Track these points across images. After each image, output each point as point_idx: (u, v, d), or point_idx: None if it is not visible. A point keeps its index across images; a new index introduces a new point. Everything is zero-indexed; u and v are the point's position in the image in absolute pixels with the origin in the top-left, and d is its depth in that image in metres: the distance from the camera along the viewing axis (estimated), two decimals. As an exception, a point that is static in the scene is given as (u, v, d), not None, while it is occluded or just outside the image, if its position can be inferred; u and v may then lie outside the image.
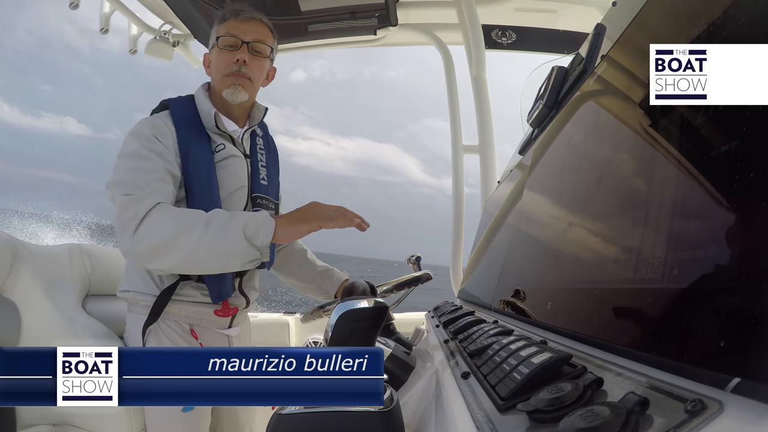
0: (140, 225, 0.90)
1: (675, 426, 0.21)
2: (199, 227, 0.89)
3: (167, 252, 0.89)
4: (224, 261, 0.91)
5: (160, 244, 0.89)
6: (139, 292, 1.07)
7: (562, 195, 0.61)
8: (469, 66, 1.94)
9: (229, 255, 0.90)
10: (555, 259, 0.55)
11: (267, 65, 1.16)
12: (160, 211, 0.91)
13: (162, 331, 1.07)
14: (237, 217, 0.92)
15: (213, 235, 0.88)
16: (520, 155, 1.05)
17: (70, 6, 1.88)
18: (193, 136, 1.07)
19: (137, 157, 0.98)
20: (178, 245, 0.88)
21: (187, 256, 0.89)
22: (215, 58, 1.12)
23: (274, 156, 1.27)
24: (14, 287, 1.19)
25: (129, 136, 1.04)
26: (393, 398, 0.54)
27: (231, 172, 1.11)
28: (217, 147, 1.10)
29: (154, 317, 1.05)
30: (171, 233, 0.89)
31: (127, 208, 0.91)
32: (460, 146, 2.00)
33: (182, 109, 1.10)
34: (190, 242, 0.88)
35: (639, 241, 0.34)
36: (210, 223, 0.90)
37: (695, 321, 0.25)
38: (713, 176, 0.27)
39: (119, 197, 0.93)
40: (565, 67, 0.85)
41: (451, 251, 2.01)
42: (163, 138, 1.03)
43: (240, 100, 1.11)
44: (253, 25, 1.12)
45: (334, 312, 0.56)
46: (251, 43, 1.10)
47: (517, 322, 0.62)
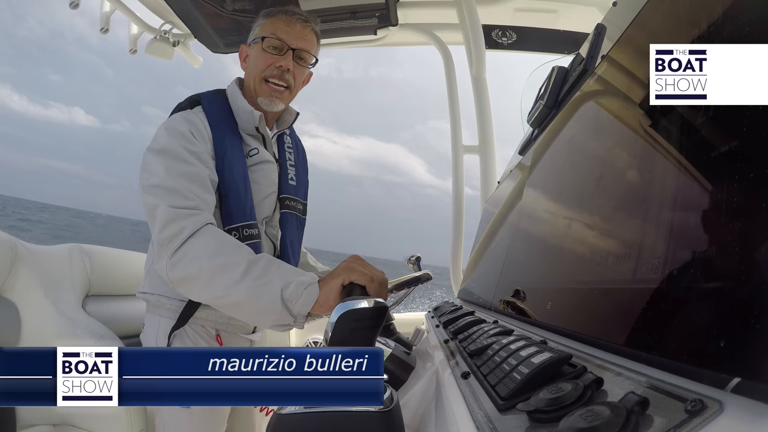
0: (182, 246, 0.82)
1: (675, 426, 0.21)
2: (239, 271, 0.79)
3: (198, 286, 0.82)
4: (253, 317, 0.84)
5: (195, 275, 0.81)
6: (163, 295, 1.03)
7: (562, 195, 0.61)
8: (470, 66, 1.94)
9: (260, 313, 0.80)
10: (555, 259, 0.55)
11: (307, 73, 1.12)
12: (206, 235, 0.83)
13: (187, 336, 1.03)
14: (279, 272, 0.80)
15: (249, 285, 0.78)
16: (520, 155, 1.05)
17: (71, 5, 1.88)
18: (228, 137, 1.01)
19: (177, 159, 0.91)
20: (212, 283, 0.80)
21: (217, 297, 0.81)
22: (256, 55, 1.05)
23: (302, 155, 1.24)
24: (14, 287, 1.19)
25: (164, 132, 0.95)
26: (393, 398, 0.54)
27: (264, 177, 1.07)
28: (251, 151, 1.06)
29: (183, 322, 1.01)
30: (209, 268, 0.80)
31: (172, 223, 0.83)
32: (460, 146, 2.00)
33: (216, 106, 1.04)
34: (224, 285, 0.79)
35: (639, 241, 0.34)
36: (250, 270, 0.79)
37: (695, 321, 0.25)
38: (713, 176, 0.27)
39: (164, 208, 0.84)
40: (566, 68, 0.85)
41: (451, 251, 2.01)
42: (200, 137, 0.96)
43: (276, 110, 1.08)
44: (302, 29, 1.06)
45: (334, 312, 0.56)
46: (297, 51, 1.05)
47: (517, 322, 0.62)
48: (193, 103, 1.03)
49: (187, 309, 1.01)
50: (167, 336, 1.01)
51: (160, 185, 0.87)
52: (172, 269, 0.82)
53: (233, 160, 1.00)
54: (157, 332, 1.04)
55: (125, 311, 1.47)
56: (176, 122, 0.97)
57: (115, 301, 1.46)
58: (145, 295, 1.07)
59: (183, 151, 0.92)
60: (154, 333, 1.04)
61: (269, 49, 1.04)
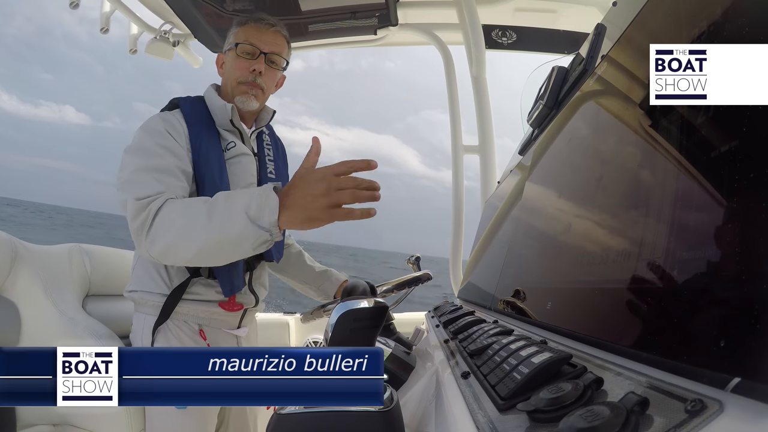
0: (152, 225, 0.88)
1: (675, 426, 0.21)
2: (203, 217, 0.85)
3: (180, 247, 0.86)
4: (235, 249, 0.86)
5: (172, 241, 0.86)
6: (147, 291, 1.07)
7: (562, 195, 0.61)
8: (470, 66, 1.94)
9: (238, 242, 0.84)
10: (555, 259, 0.55)
11: (279, 75, 1.19)
12: (168, 206, 0.89)
13: (170, 332, 1.06)
14: (238, 199, 0.85)
15: (218, 224, 0.84)
16: (520, 155, 1.05)
17: (71, 5, 1.88)
18: (205, 132, 1.08)
19: (147, 154, 0.97)
20: (188, 240, 0.85)
21: (199, 248, 0.85)
22: (231, 62, 1.13)
23: (281, 151, 1.29)
24: (14, 287, 1.19)
25: (139, 132, 1.02)
26: (393, 398, 0.54)
27: (242, 168, 1.12)
28: (228, 144, 1.11)
29: (165, 317, 1.04)
30: (180, 227, 0.86)
31: (140, 212, 0.89)
32: (460, 146, 2.00)
33: (192, 107, 1.11)
34: (198, 235, 0.84)
35: (639, 241, 0.34)
36: (212, 210, 0.85)
37: (695, 321, 0.25)
38: (713, 176, 0.27)
39: (131, 201, 0.90)
40: (566, 68, 0.85)
41: (451, 251, 2.01)
42: (175, 133, 1.02)
43: (251, 108, 1.14)
44: (273, 35, 1.14)
45: (335, 312, 0.56)
46: (269, 54, 1.12)
47: (517, 321, 0.62)
48: (172, 106, 1.11)
49: (168, 303, 1.04)
50: (151, 332, 1.04)
51: (129, 180, 0.94)
52: (151, 246, 0.88)
53: (209, 151, 1.06)
54: (142, 330, 1.07)
55: (125, 311, 1.46)
56: (152, 122, 1.04)
57: (115, 301, 1.46)
58: (130, 293, 1.11)
59: (154, 146, 0.98)
60: (140, 331, 1.07)
61: (243, 54, 1.12)
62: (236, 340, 1.17)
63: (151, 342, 1.04)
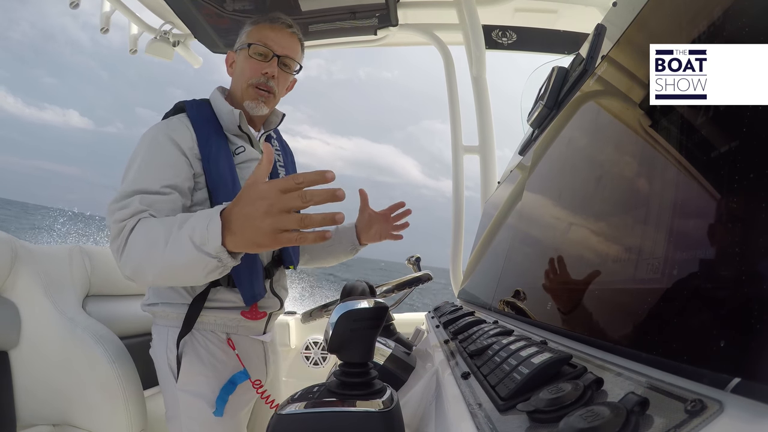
0: (125, 246, 0.84)
1: (675, 426, 0.21)
2: (161, 242, 0.79)
3: (144, 269, 0.81)
4: (188, 275, 0.78)
5: (137, 263, 0.82)
6: (169, 303, 1.03)
7: (562, 195, 0.61)
8: (470, 66, 1.94)
9: (189, 269, 0.76)
10: (555, 260, 0.55)
11: (291, 79, 1.16)
12: (140, 227, 0.84)
13: (198, 342, 1.03)
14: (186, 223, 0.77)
15: (170, 250, 0.77)
16: (520, 156, 1.05)
17: (71, 5, 1.88)
18: (213, 137, 1.04)
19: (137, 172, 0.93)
20: (149, 262, 0.80)
21: (158, 272, 0.80)
22: (242, 62, 1.09)
23: (290, 157, 1.27)
24: (14, 287, 1.19)
25: (142, 141, 0.99)
26: (393, 398, 0.54)
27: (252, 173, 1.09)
28: (237, 149, 1.08)
29: (188, 328, 1.01)
30: (142, 250, 0.81)
31: (116, 236, 0.85)
32: (460, 146, 2.00)
33: (199, 110, 1.07)
34: (156, 260, 0.79)
35: (639, 241, 0.34)
36: (169, 234, 0.79)
37: (695, 321, 0.25)
38: (713, 176, 0.27)
39: (111, 225, 0.86)
40: (566, 68, 0.85)
41: (451, 251, 2.01)
42: (180, 140, 0.98)
43: (261, 113, 1.11)
44: (288, 37, 1.10)
45: (335, 312, 0.56)
46: (282, 57, 1.09)
47: (517, 322, 0.62)
48: (178, 110, 1.07)
49: (191, 312, 1.01)
50: (176, 345, 1.01)
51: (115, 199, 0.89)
52: (124, 267, 0.84)
53: (219, 157, 1.02)
54: (166, 343, 1.03)
55: (125, 311, 1.47)
56: (156, 130, 1.00)
57: (115, 301, 1.46)
58: (149, 307, 1.07)
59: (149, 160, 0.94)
60: (164, 344, 1.04)
61: (255, 55, 1.07)
62: (262, 346, 1.16)
63: (177, 354, 1.01)
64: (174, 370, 1.02)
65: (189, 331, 1.01)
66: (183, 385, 1.01)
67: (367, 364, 0.57)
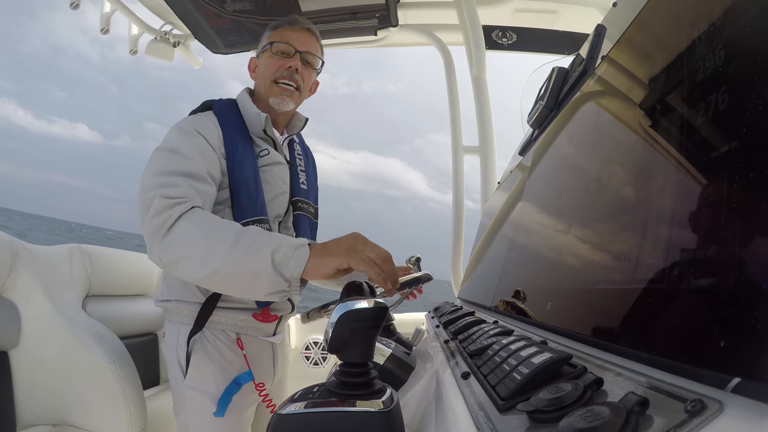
0: (171, 228, 0.82)
1: (675, 426, 0.21)
2: (229, 242, 0.78)
3: (192, 264, 0.80)
4: (248, 287, 0.80)
5: (187, 254, 0.80)
6: (183, 300, 1.04)
7: (562, 196, 0.61)
8: (470, 67, 1.94)
9: (253, 281, 0.78)
10: (555, 260, 0.55)
11: (314, 77, 1.17)
12: (193, 216, 0.83)
13: (208, 341, 1.04)
14: (269, 238, 0.80)
15: (240, 254, 0.78)
16: (520, 156, 1.06)
17: (71, 6, 1.88)
18: (239, 138, 1.05)
19: (177, 155, 0.93)
20: (205, 259, 0.79)
21: (212, 272, 0.79)
22: (265, 62, 1.11)
23: (311, 162, 1.28)
24: (14, 287, 1.19)
25: (171, 131, 0.99)
26: (393, 398, 0.54)
27: (275, 177, 1.10)
28: (261, 152, 1.09)
29: (199, 326, 1.02)
30: (199, 244, 0.80)
31: (163, 212, 0.83)
32: (461, 147, 2.00)
33: (226, 110, 1.09)
34: (217, 258, 0.78)
35: (639, 241, 0.34)
36: (240, 239, 0.79)
37: (695, 321, 0.25)
38: (713, 176, 0.27)
39: (158, 199, 0.84)
40: (566, 68, 0.85)
41: (452, 251, 2.01)
42: (208, 136, 0.99)
43: (286, 109, 1.13)
44: (307, 36, 1.13)
45: (334, 312, 0.56)
46: (304, 53, 1.11)
47: (517, 322, 0.62)
48: (205, 108, 1.09)
49: (203, 312, 1.02)
50: (186, 342, 1.02)
51: (156, 179, 0.89)
52: (164, 251, 0.83)
53: (243, 159, 1.03)
54: (177, 339, 1.04)
55: (125, 311, 1.47)
56: (185, 123, 1.01)
57: (115, 301, 1.46)
58: (163, 303, 1.07)
59: (185, 146, 0.95)
60: (175, 340, 1.04)
61: (278, 53, 1.10)
62: (272, 347, 1.16)
63: (186, 351, 1.02)
64: (183, 366, 1.03)
65: (200, 330, 1.02)
66: (190, 382, 1.02)
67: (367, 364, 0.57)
